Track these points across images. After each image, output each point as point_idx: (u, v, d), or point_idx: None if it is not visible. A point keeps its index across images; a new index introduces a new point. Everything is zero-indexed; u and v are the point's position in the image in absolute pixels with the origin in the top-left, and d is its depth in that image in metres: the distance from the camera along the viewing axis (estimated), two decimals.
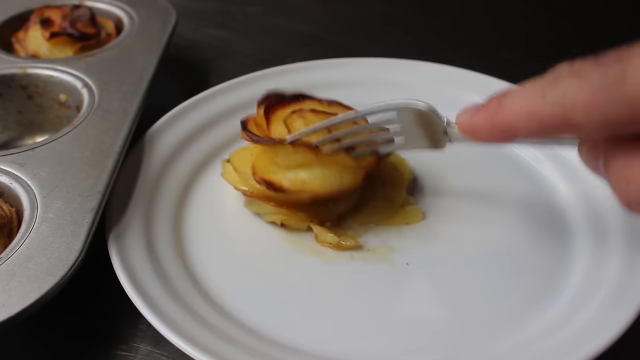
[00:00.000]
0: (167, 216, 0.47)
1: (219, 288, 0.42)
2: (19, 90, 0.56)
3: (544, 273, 0.42)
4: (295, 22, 0.79)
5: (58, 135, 0.48)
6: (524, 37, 0.77)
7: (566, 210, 0.47)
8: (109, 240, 0.42)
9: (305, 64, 0.60)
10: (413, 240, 0.45)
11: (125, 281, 0.39)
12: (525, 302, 0.41)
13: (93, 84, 0.53)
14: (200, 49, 0.73)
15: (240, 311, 0.40)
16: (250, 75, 0.58)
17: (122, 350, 0.40)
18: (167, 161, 0.50)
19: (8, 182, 0.44)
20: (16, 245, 0.39)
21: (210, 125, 0.54)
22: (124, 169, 0.47)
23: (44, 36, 0.59)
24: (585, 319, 0.38)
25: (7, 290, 0.36)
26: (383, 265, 0.43)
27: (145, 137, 0.51)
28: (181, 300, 0.40)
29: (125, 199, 0.46)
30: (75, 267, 0.37)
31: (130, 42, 0.60)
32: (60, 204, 0.42)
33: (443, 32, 0.78)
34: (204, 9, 0.82)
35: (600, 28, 0.77)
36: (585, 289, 0.40)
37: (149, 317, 0.37)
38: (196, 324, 0.38)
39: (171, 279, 0.41)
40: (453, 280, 0.42)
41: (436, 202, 0.48)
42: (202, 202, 0.49)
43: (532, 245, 0.45)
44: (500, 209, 0.48)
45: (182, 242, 0.46)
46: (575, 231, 0.45)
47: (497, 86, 0.53)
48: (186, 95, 0.56)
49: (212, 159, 0.53)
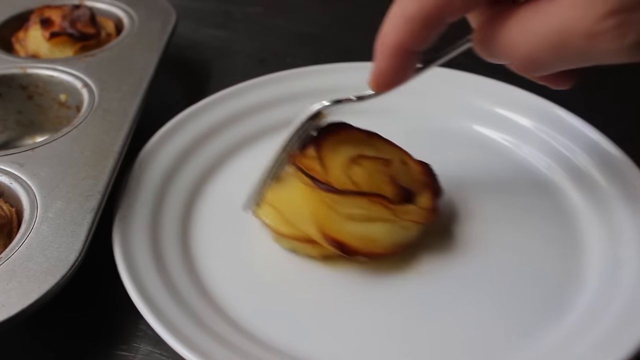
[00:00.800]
0: (175, 221, 0.46)
1: (227, 298, 0.41)
2: (19, 90, 0.56)
3: (556, 286, 0.41)
4: (296, 22, 0.79)
5: (58, 135, 0.48)
6: None
7: (580, 218, 0.46)
8: (114, 243, 0.41)
9: (313, 68, 0.59)
10: (425, 248, 0.44)
11: (130, 286, 0.39)
12: (536, 316, 0.39)
13: (93, 84, 0.53)
14: (200, 49, 0.73)
15: (250, 322, 0.39)
16: (264, 78, 0.58)
17: (122, 350, 0.40)
18: (177, 164, 0.49)
19: (8, 182, 0.44)
20: (16, 245, 0.39)
21: (220, 129, 0.54)
22: (131, 172, 0.47)
23: (44, 36, 0.59)
24: (600, 331, 0.37)
25: (7, 290, 0.36)
26: (395, 274, 0.42)
27: (156, 138, 0.50)
28: (189, 309, 0.39)
29: (132, 202, 0.45)
30: (75, 267, 0.37)
31: (130, 42, 0.60)
32: (60, 204, 0.42)
33: (443, 32, 0.78)
34: (204, 8, 0.82)
35: None
36: (598, 301, 0.39)
37: (155, 325, 0.36)
38: (204, 333, 0.37)
39: (178, 286, 0.41)
40: (464, 290, 0.41)
41: (444, 209, 0.47)
42: (209, 205, 0.48)
43: (544, 254, 0.44)
44: (512, 217, 0.47)
45: (188, 248, 0.45)
46: (588, 240, 0.44)
47: (513, 93, 0.54)
48: (186, 95, 0.56)
49: (223, 160, 0.52)
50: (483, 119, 0.55)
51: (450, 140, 0.54)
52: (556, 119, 0.52)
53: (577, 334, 0.38)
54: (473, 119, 0.55)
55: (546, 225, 0.46)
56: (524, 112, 0.54)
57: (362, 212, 0.41)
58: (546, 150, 0.51)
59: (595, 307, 0.39)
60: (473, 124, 0.55)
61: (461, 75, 0.57)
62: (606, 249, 0.43)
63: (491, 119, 0.55)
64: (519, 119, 0.54)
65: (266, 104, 0.56)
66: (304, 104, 0.55)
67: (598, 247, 0.44)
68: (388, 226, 0.41)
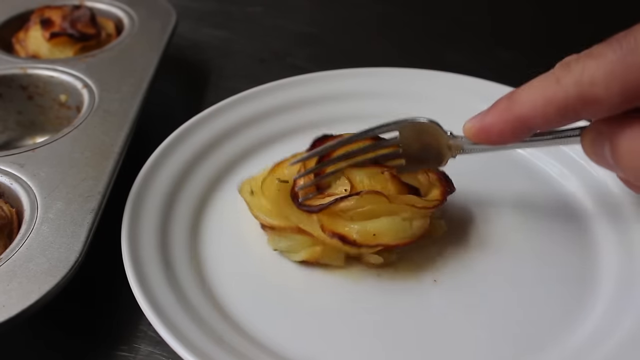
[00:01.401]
0: (184, 227, 0.46)
1: (236, 306, 0.41)
2: (19, 90, 0.56)
3: (570, 300, 0.41)
4: (295, 22, 0.79)
5: (58, 136, 0.48)
6: (522, 37, 0.77)
7: (593, 226, 0.46)
8: (123, 242, 0.41)
9: (316, 75, 0.58)
10: (440, 256, 0.44)
11: (135, 285, 0.38)
12: (547, 331, 0.39)
13: (93, 85, 0.54)
14: (201, 49, 0.73)
15: (261, 331, 0.39)
16: (275, 83, 0.57)
17: (122, 350, 0.40)
18: (188, 168, 0.49)
19: (8, 182, 0.44)
20: (16, 246, 0.39)
21: (228, 136, 0.53)
22: (141, 177, 0.46)
23: (44, 36, 0.59)
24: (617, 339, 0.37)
25: (7, 291, 0.36)
26: (410, 283, 0.42)
27: (166, 143, 0.49)
28: (199, 319, 0.38)
29: (142, 207, 0.44)
30: (75, 268, 0.37)
31: (131, 43, 0.60)
32: (60, 205, 0.42)
33: (442, 33, 0.78)
34: (204, 9, 0.82)
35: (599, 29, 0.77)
36: (610, 318, 0.39)
37: (162, 332, 0.36)
38: (211, 340, 0.37)
39: (189, 297, 0.40)
40: (480, 298, 0.41)
41: (459, 215, 0.47)
42: (218, 210, 0.48)
43: (559, 268, 0.43)
44: (525, 224, 0.46)
45: (198, 254, 0.44)
46: (602, 247, 0.44)
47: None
48: (186, 95, 0.56)
49: (235, 164, 0.52)
50: None
51: None
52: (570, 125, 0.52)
53: (587, 349, 0.37)
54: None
55: (561, 235, 0.45)
56: None
57: (361, 210, 0.40)
58: (560, 158, 0.51)
59: (606, 324, 0.39)
60: None
61: (475, 81, 0.57)
62: (620, 260, 0.43)
63: None
64: None
65: (276, 109, 0.55)
66: (312, 110, 0.55)
67: (612, 259, 0.43)
68: (386, 220, 0.41)
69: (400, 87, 0.57)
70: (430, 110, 0.54)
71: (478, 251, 0.44)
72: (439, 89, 0.57)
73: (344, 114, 0.55)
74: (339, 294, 0.42)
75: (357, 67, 0.59)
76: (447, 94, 0.56)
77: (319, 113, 0.55)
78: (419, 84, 0.57)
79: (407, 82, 0.58)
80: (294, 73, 0.58)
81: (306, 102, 0.56)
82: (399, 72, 0.59)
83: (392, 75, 0.58)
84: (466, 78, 0.57)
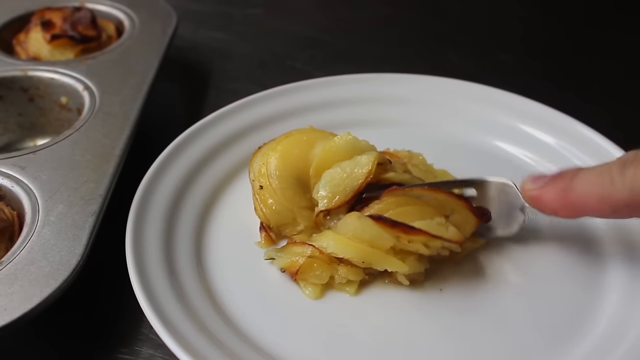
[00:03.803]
0: (188, 232, 0.45)
1: (238, 311, 0.40)
2: (20, 92, 0.56)
3: (574, 320, 0.40)
4: (296, 24, 0.79)
5: (59, 139, 0.48)
6: (520, 39, 0.78)
7: (602, 241, 0.45)
8: (127, 253, 0.40)
9: (321, 80, 0.58)
10: (446, 265, 0.43)
11: (137, 288, 0.38)
12: (556, 335, 0.39)
13: (94, 87, 0.54)
14: (201, 51, 0.73)
15: (262, 336, 0.39)
16: (282, 87, 0.56)
17: (123, 353, 0.40)
18: (192, 173, 0.49)
19: (9, 185, 0.44)
20: (18, 249, 0.39)
21: (234, 141, 0.52)
22: (145, 182, 0.46)
23: (45, 38, 0.60)
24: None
25: (9, 294, 0.36)
26: (416, 292, 0.42)
27: (171, 147, 0.49)
28: (201, 323, 0.38)
29: (146, 211, 0.44)
30: (76, 271, 0.38)
31: (131, 45, 0.60)
32: (61, 208, 0.42)
33: (443, 34, 0.78)
34: (205, 11, 0.82)
35: (597, 29, 0.77)
36: (610, 339, 0.39)
37: (167, 341, 0.36)
38: (212, 344, 0.36)
39: (191, 301, 0.40)
40: (485, 309, 0.41)
41: None
42: (224, 216, 0.47)
43: (565, 276, 0.43)
44: (533, 236, 0.46)
45: (202, 259, 0.44)
46: (609, 264, 0.44)
47: (534, 109, 0.53)
48: (187, 97, 0.56)
49: (241, 169, 0.51)
50: (504, 134, 0.54)
51: (470, 155, 0.53)
52: (578, 136, 0.51)
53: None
54: (494, 134, 0.54)
55: (569, 251, 0.45)
56: (545, 128, 0.53)
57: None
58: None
59: (607, 344, 0.38)
60: (494, 139, 0.54)
61: (483, 89, 0.56)
62: (628, 274, 0.42)
63: (512, 135, 0.54)
64: (541, 135, 0.53)
65: (281, 114, 0.55)
66: (317, 115, 0.55)
67: (620, 271, 0.43)
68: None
69: (405, 93, 0.57)
70: (440, 117, 0.55)
71: (484, 260, 0.44)
72: (445, 95, 0.57)
73: (348, 119, 0.55)
74: (343, 302, 0.41)
75: (357, 69, 0.59)
76: (459, 101, 0.56)
77: (324, 118, 0.55)
78: (424, 90, 0.57)
79: (417, 88, 0.58)
80: (294, 75, 0.59)
81: (311, 107, 0.56)
82: (402, 78, 0.59)
83: (396, 80, 0.58)
84: (479, 87, 0.57)
